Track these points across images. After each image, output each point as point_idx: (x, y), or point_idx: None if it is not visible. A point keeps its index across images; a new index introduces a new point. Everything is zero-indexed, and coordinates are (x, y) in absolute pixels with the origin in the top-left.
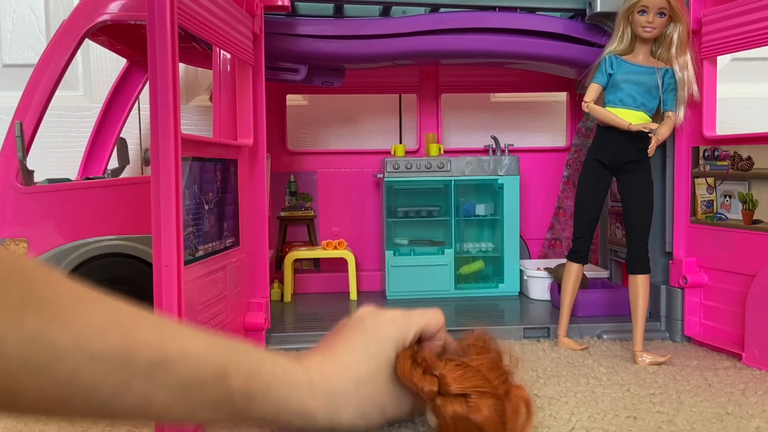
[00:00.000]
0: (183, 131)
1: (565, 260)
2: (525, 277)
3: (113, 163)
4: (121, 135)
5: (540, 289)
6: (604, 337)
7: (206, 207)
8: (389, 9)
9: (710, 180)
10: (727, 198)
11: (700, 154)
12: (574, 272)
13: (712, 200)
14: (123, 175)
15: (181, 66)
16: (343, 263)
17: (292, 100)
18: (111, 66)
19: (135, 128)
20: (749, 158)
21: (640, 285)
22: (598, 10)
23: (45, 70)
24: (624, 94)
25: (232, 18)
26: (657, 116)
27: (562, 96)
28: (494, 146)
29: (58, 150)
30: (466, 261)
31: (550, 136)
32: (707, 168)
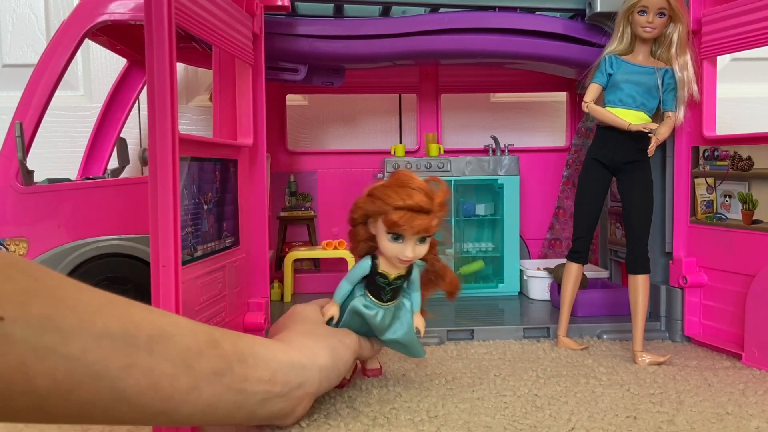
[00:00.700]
0: (183, 131)
1: (565, 260)
2: (525, 277)
3: (113, 163)
4: (121, 135)
5: (540, 289)
6: (604, 337)
7: (205, 207)
8: (389, 9)
9: (710, 180)
10: (727, 198)
11: (700, 154)
12: (574, 272)
13: (712, 200)
14: (123, 175)
15: (181, 66)
16: (343, 263)
17: (292, 100)
18: (111, 66)
19: (135, 128)
20: (749, 158)
21: (640, 285)
22: (598, 10)
23: (45, 70)
24: (624, 94)
25: (231, 18)
26: (657, 116)
27: (562, 96)
28: (494, 146)
29: (58, 150)
30: (466, 261)
31: (549, 136)
32: (707, 168)
